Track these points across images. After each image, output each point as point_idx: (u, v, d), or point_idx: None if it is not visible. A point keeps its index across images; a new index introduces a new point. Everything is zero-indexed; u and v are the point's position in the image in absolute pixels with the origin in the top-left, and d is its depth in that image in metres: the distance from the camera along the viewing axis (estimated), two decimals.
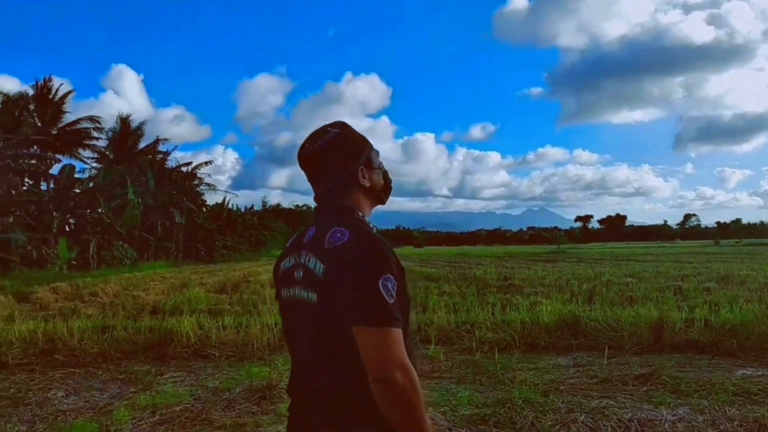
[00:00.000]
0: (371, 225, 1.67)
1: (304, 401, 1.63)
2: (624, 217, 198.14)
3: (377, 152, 1.76)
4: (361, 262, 1.46)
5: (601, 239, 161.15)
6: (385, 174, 1.76)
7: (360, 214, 1.65)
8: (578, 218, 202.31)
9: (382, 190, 1.75)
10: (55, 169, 33.05)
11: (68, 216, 31.72)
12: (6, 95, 31.22)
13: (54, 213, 28.99)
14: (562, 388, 5.61)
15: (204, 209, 51.00)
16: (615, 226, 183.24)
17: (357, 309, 1.44)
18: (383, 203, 1.80)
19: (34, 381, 6.22)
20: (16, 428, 4.72)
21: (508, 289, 14.39)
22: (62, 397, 5.64)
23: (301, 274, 1.60)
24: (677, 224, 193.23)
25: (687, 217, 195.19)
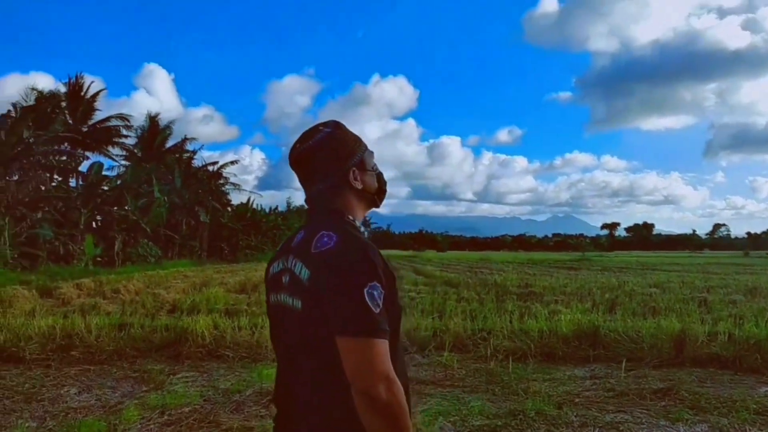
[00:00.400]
0: (362, 229, 1.60)
1: (288, 411, 1.58)
2: (651, 226, 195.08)
3: (372, 153, 1.70)
4: (347, 268, 1.41)
5: (628, 248, 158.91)
6: (379, 176, 1.70)
7: (350, 217, 1.59)
8: (605, 225, 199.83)
9: (376, 193, 1.69)
10: (84, 166, 33.64)
11: (95, 213, 32.20)
12: (39, 92, 31.88)
13: (81, 210, 29.45)
14: (577, 400, 5.49)
15: (229, 209, 51.38)
16: (642, 235, 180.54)
17: (340, 318, 1.39)
18: (377, 206, 1.74)
19: (49, 377, 6.28)
20: (27, 424, 4.75)
21: (528, 296, 14.20)
22: (75, 394, 5.68)
23: (288, 279, 1.54)
24: (706, 234, 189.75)
25: (716, 226, 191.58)
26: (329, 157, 1.58)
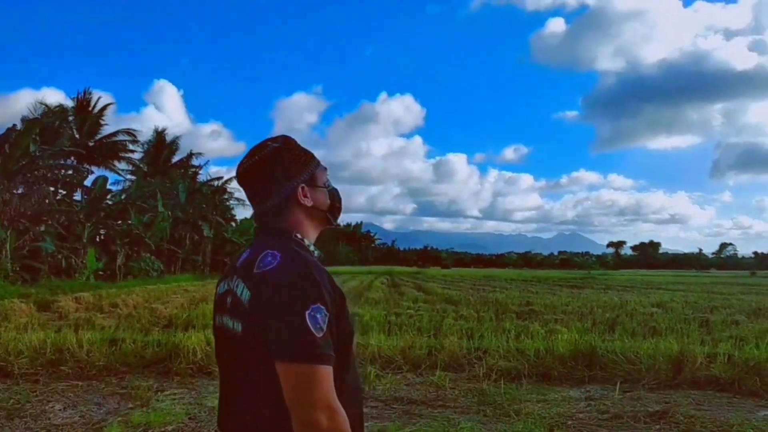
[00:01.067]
0: (312, 249, 1.54)
1: None
2: (658, 244, 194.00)
3: (324, 169, 1.63)
4: (288, 290, 1.34)
5: (634, 266, 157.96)
6: (332, 193, 1.62)
7: (299, 236, 1.52)
8: (610, 244, 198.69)
9: (329, 210, 1.62)
10: (89, 181, 33.79)
11: (99, 227, 32.26)
12: (47, 106, 32.14)
13: (85, 223, 29.50)
14: (569, 422, 5.37)
15: (233, 223, 51.50)
16: (648, 253, 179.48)
17: (280, 343, 1.32)
18: (332, 225, 1.67)
19: (36, 392, 6.20)
20: None
21: (528, 315, 14.07)
22: (59, 410, 5.59)
23: (230, 300, 1.48)
24: (713, 253, 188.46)
25: (723, 246, 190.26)
26: (276, 174, 1.51)
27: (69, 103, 35.43)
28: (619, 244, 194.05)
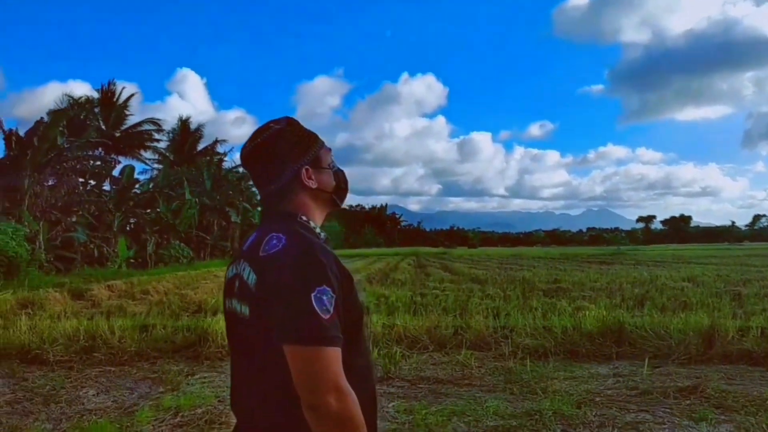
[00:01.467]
0: (317, 231, 1.53)
1: (242, 422, 1.52)
2: (689, 218, 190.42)
3: (328, 150, 1.61)
4: (294, 272, 1.33)
5: (665, 241, 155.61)
6: (337, 174, 1.61)
7: (304, 218, 1.51)
8: (640, 219, 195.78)
9: (334, 192, 1.60)
10: (117, 170, 34.34)
11: (128, 216, 32.80)
12: (73, 98, 32.66)
13: (114, 213, 30.01)
14: (597, 399, 5.33)
15: (260, 209, 51.91)
16: (679, 227, 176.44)
17: (286, 325, 1.31)
18: (338, 207, 1.65)
19: (70, 378, 6.35)
20: (42, 426, 4.80)
21: (556, 292, 13.95)
22: (92, 395, 5.73)
23: (238, 284, 1.48)
24: (746, 225, 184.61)
25: (756, 218, 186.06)
26: (279, 156, 1.50)
27: (95, 95, 35.96)
28: (649, 219, 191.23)
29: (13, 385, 6.05)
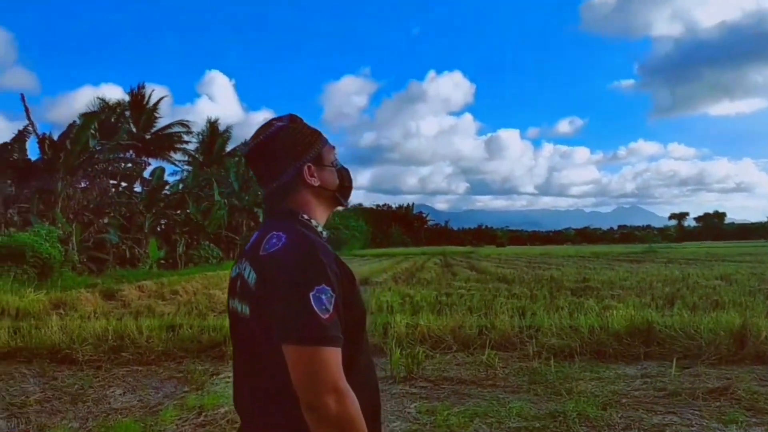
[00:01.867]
0: (320, 230, 1.51)
1: (245, 422, 1.51)
2: (723, 215, 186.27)
3: (332, 147, 1.60)
4: (293, 271, 1.32)
5: (698, 238, 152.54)
6: (341, 172, 1.59)
7: (305, 217, 1.50)
8: (673, 216, 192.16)
9: (338, 190, 1.59)
10: (147, 172, 34.90)
11: (159, 217, 33.32)
12: (105, 102, 33.34)
13: (145, 214, 30.50)
14: (624, 401, 5.22)
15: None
16: (713, 224, 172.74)
17: (285, 325, 1.30)
18: (343, 205, 1.64)
19: (98, 378, 6.46)
20: (69, 425, 4.88)
21: (584, 291, 13.76)
22: (119, 395, 5.81)
23: (240, 284, 1.48)
24: None
25: None
26: (282, 153, 1.49)
27: (126, 99, 36.62)
28: (682, 216, 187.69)
29: (43, 384, 6.18)
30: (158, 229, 34.46)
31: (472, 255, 54.09)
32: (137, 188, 34.74)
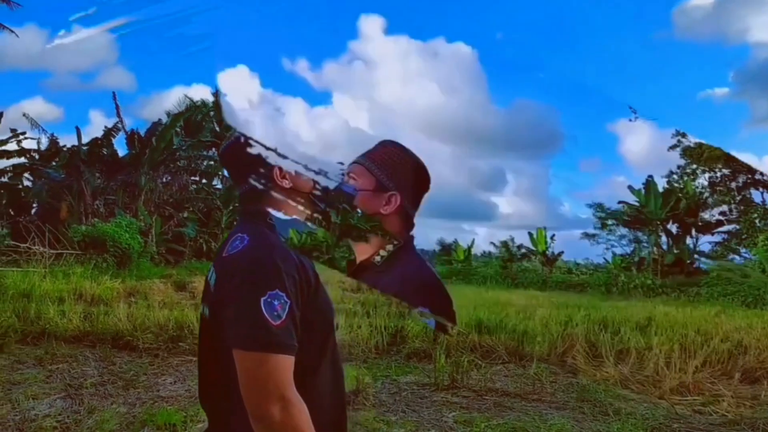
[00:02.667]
0: (279, 234, 1.49)
1: (210, 421, 1.51)
2: None
3: None
4: (244, 275, 1.30)
5: None
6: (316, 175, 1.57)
7: (271, 220, 1.48)
8: None
9: (311, 193, 1.55)
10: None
11: (235, 213, 34.36)
12: (191, 100, 34.76)
13: (223, 210, 31.52)
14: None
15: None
16: None
17: (234, 329, 1.29)
18: (320, 208, 1.61)
19: (153, 366, 6.72)
20: (118, 409, 5.09)
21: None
22: (170, 383, 6.02)
23: (205, 285, 1.48)
24: None
25: None
26: (254, 155, 1.49)
27: (212, 99, 37.98)
28: None
29: (102, 369, 6.48)
30: (234, 224, 35.48)
31: None
32: (217, 185, 35.95)
